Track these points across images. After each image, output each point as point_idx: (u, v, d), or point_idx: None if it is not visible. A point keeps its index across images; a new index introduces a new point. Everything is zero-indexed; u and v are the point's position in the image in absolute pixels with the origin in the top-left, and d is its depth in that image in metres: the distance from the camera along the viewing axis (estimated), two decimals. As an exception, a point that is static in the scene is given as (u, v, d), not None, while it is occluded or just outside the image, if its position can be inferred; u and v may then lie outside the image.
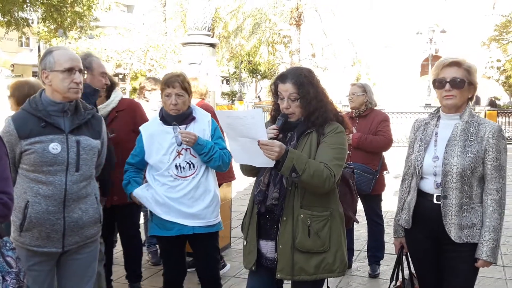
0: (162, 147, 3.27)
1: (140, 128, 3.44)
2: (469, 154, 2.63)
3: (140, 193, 3.33)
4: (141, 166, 3.42)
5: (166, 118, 3.32)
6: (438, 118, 2.84)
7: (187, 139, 3.18)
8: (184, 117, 3.32)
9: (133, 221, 4.15)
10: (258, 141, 2.42)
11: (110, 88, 3.96)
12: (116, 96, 4.01)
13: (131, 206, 4.00)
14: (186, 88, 3.28)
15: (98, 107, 3.82)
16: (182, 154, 3.24)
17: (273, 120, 2.79)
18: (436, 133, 2.79)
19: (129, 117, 4.01)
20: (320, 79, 2.76)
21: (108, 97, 3.98)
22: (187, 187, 3.25)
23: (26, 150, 2.60)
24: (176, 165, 3.25)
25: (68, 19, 22.03)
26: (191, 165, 3.27)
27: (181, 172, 3.25)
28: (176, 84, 3.24)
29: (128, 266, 4.30)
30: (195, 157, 3.27)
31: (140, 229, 4.34)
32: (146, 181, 3.42)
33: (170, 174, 3.25)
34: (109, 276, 4.31)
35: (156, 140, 3.30)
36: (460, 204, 2.65)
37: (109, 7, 24.38)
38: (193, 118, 3.35)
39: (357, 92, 4.75)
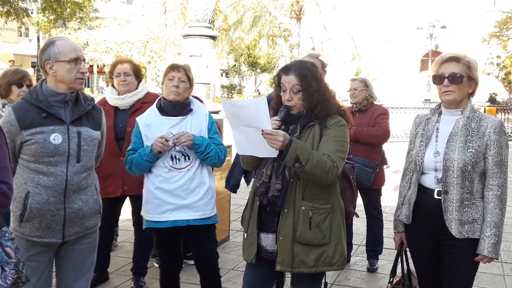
0: None
1: (137, 118, 3.41)
2: (470, 150, 2.62)
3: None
4: None
5: (164, 107, 3.30)
6: (440, 113, 2.83)
7: (184, 139, 3.16)
8: (182, 107, 3.30)
9: None
10: (262, 131, 2.41)
11: (138, 80, 4.15)
12: (143, 88, 4.15)
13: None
14: (189, 76, 3.31)
15: (125, 95, 4.03)
16: (177, 145, 3.22)
17: (274, 113, 2.78)
18: (437, 129, 2.78)
19: None
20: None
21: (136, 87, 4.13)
22: (182, 179, 3.24)
23: (26, 141, 2.59)
24: (171, 156, 3.23)
25: (68, 10, 21.93)
26: (187, 157, 3.26)
27: (176, 163, 3.24)
28: (181, 69, 3.27)
29: (136, 258, 4.23)
30: (191, 149, 3.25)
31: None
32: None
33: (165, 165, 3.24)
34: (106, 266, 4.31)
35: (153, 130, 3.28)
36: (461, 199, 2.65)
37: (109, -2, 24.27)
38: (191, 110, 3.33)
39: (359, 87, 4.74)
